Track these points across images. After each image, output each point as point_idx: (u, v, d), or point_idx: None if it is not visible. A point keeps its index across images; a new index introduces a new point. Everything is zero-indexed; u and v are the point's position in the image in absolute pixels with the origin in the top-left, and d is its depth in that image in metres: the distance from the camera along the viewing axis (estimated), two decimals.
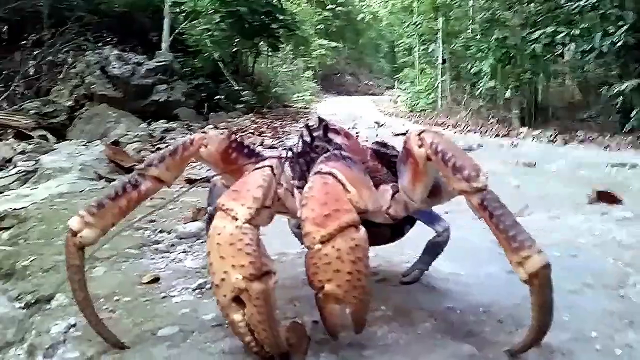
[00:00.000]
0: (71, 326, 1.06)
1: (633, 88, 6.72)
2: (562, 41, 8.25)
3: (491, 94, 11.31)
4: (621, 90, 6.87)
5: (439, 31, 14.38)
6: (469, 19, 13.44)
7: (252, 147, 1.10)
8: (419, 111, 14.94)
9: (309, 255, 0.80)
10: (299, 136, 1.08)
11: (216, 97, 9.89)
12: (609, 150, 5.37)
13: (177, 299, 1.21)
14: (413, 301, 1.16)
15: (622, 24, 6.88)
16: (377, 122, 9.37)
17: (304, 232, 0.81)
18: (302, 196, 0.84)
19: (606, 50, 7.14)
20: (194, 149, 1.03)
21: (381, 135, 5.81)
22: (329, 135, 1.07)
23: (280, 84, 15.98)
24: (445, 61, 14.41)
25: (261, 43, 12.54)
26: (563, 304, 1.07)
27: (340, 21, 27.40)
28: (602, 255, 1.55)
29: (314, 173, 0.88)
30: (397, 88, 21.68)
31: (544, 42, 8.41)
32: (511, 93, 10.16)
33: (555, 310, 0.83)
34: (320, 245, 0.79)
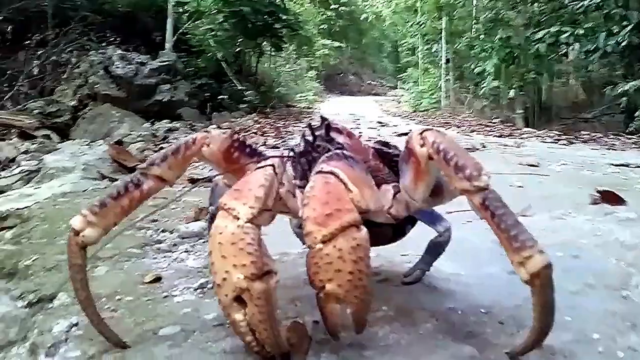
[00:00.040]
0: (73, 325, 1.07)
1: (637, 88, 6.71)
2: (566, 41, 8.24)
3: (495, 93, 11.29)
4: (625, 90, 6.85)
5: (443, 31, 14.38)
6: (472, 19, 13.43)
7: (254, 147, 1.10)
8: (422, 111, 14.92)
9: (310, 255, 0.80)
10: (301, 135, 1.08)
11: (219, 97, 9.87)
12: (613, 150, 5.34)
13: (178, 298, 1.21)
14: (415, 301, 1.15)
15: (626, 23, 6.87)
16: (380, 122, 9.35)
17: (305, 231, 0.80)
18: (304, 195, 0.84)
19: (610, 50, 7.13)
20: (197, 148, 1.03)
21: (384, 135, 5.81)
22: (331, 134, 1.05)
23: (284, 83, 15.96)
24: (448, 61, 14.41)
25: (264, 43, 12.51)
26: (565, 305, 1.07)
27: (344, 21, 27.35)
28: (604, 256, 1.54)
29: (315, 172, 0.87)
30: (400, 88, 21.66)
31: (548, 41, 8.39)
32: (515, 93, 10.12)
33: (557, 311, 0.82)
34: (321, 244, 0.78)
